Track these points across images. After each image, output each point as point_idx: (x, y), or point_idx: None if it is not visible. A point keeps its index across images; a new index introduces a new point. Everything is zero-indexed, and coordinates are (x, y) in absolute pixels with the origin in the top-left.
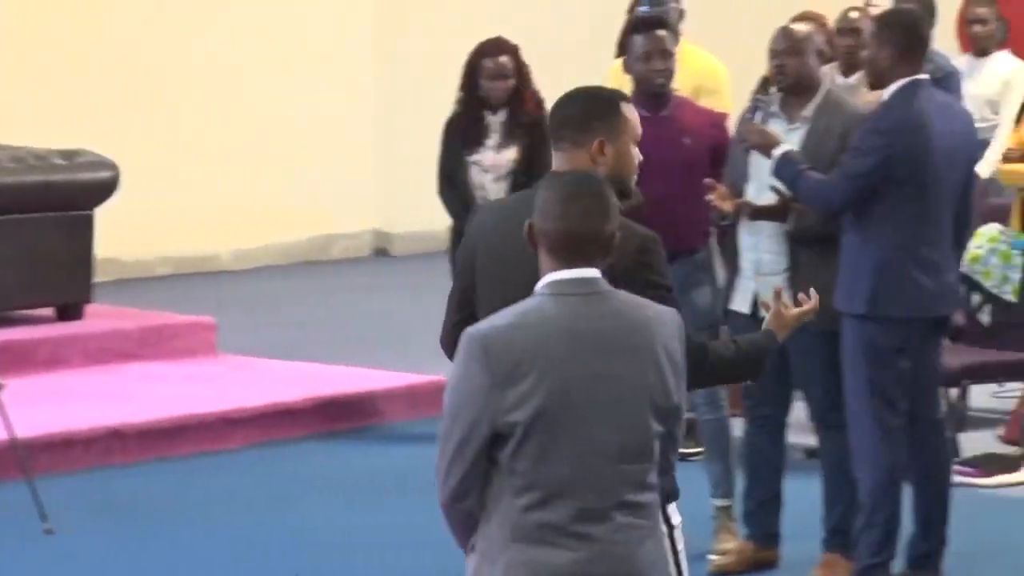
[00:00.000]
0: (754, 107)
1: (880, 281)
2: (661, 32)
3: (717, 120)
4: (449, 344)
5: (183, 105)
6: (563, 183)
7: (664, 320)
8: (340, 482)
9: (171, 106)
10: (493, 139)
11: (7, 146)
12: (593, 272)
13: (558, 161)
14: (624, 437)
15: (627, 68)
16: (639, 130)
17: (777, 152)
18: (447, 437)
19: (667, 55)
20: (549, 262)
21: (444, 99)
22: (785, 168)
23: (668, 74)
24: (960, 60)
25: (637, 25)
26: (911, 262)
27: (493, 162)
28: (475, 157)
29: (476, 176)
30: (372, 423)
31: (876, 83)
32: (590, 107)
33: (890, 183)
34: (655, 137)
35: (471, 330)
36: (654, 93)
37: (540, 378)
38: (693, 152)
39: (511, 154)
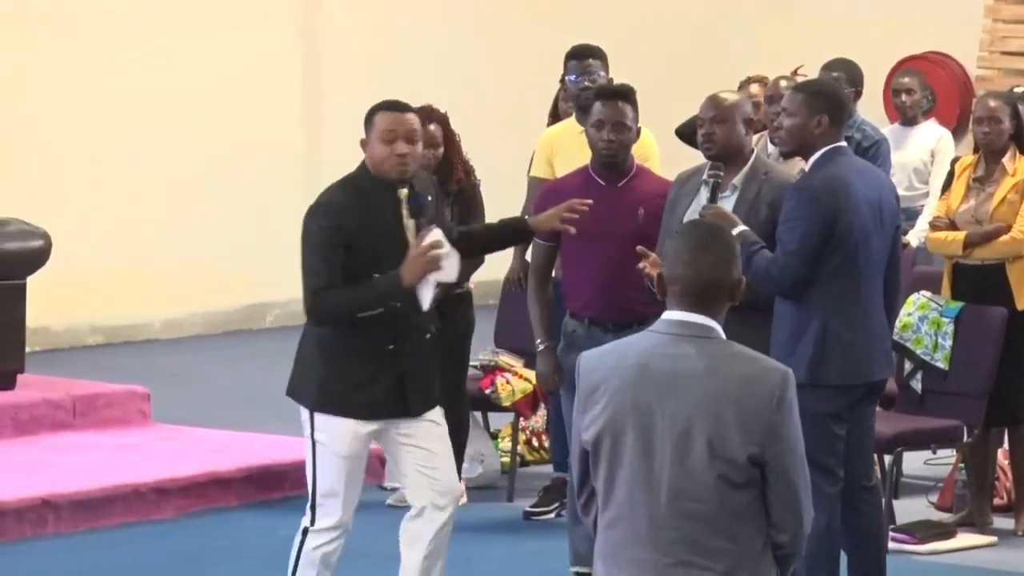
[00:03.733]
0: (713, 184)
1: (821, 348)
2: (618, 103)
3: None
4: None
5: (113, 173)
6: (693, 234)
7: (761, 378)
8: (272, 551)
9: (101, 174)
10: None
11: None
12: (701, 318)
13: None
14: (677, 474)
15: (587, 133)
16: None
17: (734, 233)
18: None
19: (620, 127)
20: (673, 305)
21: None
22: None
23: (617, 146)
24: (887, 129)
25: (598, 93)
26: (849, 328)
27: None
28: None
29: None
30: (304, 492)
31: (799, 151)
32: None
33: (824, 249)
34: (609, 207)
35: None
36: (603, 163)
37: (607, 404)
38: (647, 222)
39: None
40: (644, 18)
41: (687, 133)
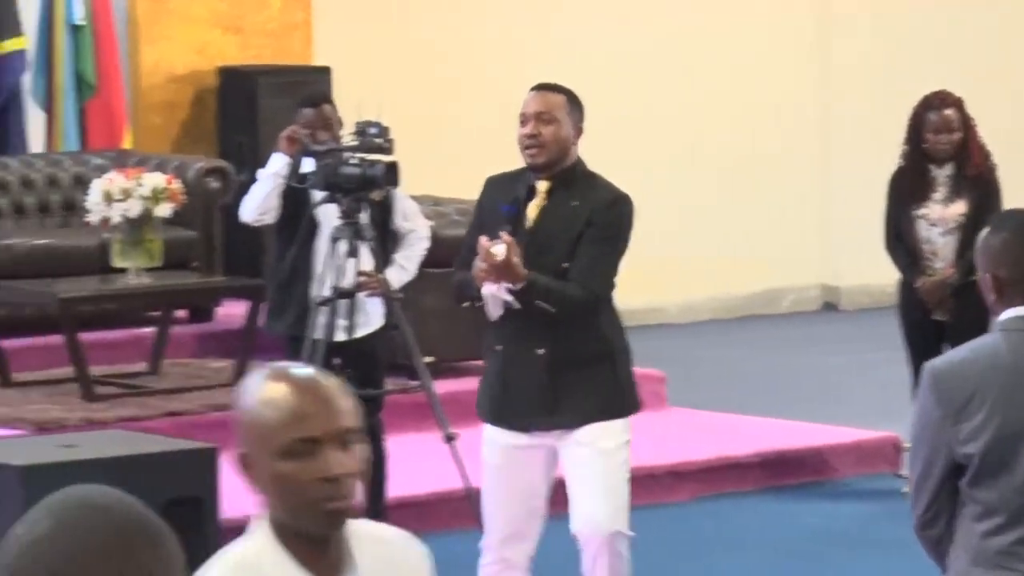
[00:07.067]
0: None
1: None
2: None
3: None
4: None
5: (634, 160)
6: (1019, 225)
7: None
8: (787, 537)
9: (624, 161)
10: (940, 193)
11: (453, 199)
12: None
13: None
14: None
15: None
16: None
17: None
18: (912, 468)
19: None
20: (1012, 301)
21: (887, 152)
22: None
23: None
24: None
25: None
26: None
27: (940, 216)
28: (922, 211)
29: (923, 230)
30: (820, 479)
31: None
32: None
33: None
34: None
35: (928, 363)
36: None
37: (992, 412)
38: None
39: (959, 208)
40: None
41: None
